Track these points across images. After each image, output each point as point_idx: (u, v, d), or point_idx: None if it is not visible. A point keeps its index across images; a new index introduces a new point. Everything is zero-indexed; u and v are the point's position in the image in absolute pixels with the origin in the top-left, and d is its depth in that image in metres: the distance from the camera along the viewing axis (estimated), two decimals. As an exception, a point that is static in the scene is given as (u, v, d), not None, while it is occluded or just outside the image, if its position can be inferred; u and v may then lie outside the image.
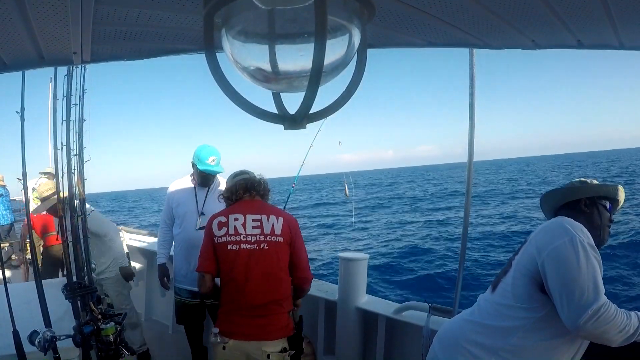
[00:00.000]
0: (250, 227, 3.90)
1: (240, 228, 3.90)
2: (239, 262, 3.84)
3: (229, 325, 3.86)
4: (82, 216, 5.02)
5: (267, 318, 3.86)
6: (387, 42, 2.97)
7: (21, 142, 4.71)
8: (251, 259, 3.83)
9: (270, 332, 3.85)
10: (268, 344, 3.81)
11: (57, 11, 1.95)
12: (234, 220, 3.93)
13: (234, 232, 3.89)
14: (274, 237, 3.89)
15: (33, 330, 3.90)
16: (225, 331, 3.83)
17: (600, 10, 2.24)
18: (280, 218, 4.00)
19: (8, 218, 11.95)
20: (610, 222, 3.02)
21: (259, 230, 3.89)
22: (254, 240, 3.86)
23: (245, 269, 3.83)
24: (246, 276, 3.83)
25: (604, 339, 2.52)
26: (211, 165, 5.34)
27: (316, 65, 0.98)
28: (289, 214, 4.21)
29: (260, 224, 3.92)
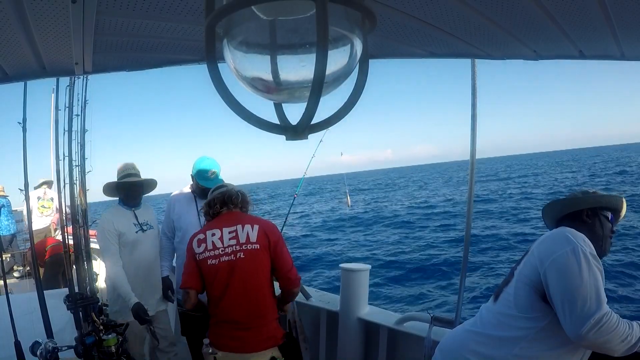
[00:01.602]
0: (227, 240, 3.92)
1: (217, 242, 3.92)
2: (221, 276, 3.86)
3: (217, 338, 3.89)
4: (85, 227, 5.02)
5: (250, 331, 3.85)
6: (389, 52, 2.98)
7: (23, 152, 4.72)
8: (230, 271, 3.84)
9: (255, 344, 3.85)
10: (255, 355, 3.81)
11: (59, 22, 1.96)
12: (212, 235, 3.96)
13: (212, 247, 3.91)
14: (250, 245, 3.88)
15: (35, 341, 3.89)
16: (215, 343, 3.87)
17: (601, 21, 2.24)
18: (256, 225, 3.98)
19: (10, 228, 11.94)
20: (612, 232, 3.02)
21: (235, 241, 3.90)
22: (230, 251, 3.87)
23: (224, 284, 3.85)
24: (231, 290, 3.83)
25: (606, 348, 2.51)
26: (211, 180, 5.30)
27: (318, 75, 0.97)
28: (266, 220, 4.21)
29: (236, 234, 3.93)
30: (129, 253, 5.26)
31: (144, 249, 5.38)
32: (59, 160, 5.01)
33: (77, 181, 5.06)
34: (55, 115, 5.10)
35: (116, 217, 5.32)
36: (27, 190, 5.20)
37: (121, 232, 5.22)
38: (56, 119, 5.06)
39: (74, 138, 5.02)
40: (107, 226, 5.20)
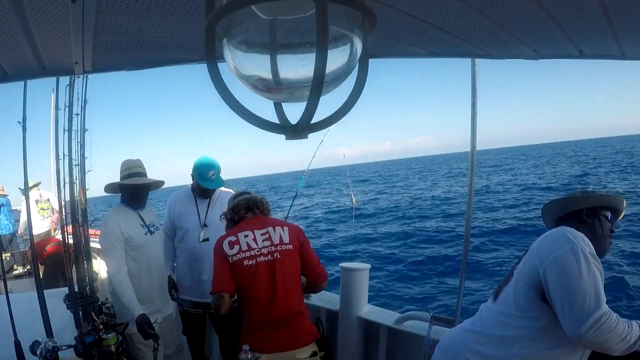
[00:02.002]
0: (260, 241, 3.92)
1: (252, 243, 3.91)
2: (259, 277, 3.85)
3: (258, 341, 3.82)
4: (84, 226, 5.02)
5: (295, 327, 3.88)
6: (389, 51, 2.98)
7: (23, 152, 4.72)
8: (271, 272, 3.85)
9: (300, 339, 3.88)
10: (300, 351, 3.84)
11: (59, 21, 1.96)
12: (244, 237, 3.94)
13: (247, 248, 3.89)
14: (284, 246, 3.92)
15: (35, 341, 3.89)
16: (256, 346, 3.76)
17: (601, 21, 2.24)
18: (286, 227, 4.05)
19: (9, 228, 11.94)
20: (612, 232, 3.02)
21: (269, 242, 3.92)
22: (267, 252, 3.88)
23: (267, 283, 3.84)
24: (269, 291, 3.84)
25: (605, 347, 2.51)
26: (212, 181, 5.29)
27: (317, 75, 0.97)
28: (291, 223, 4.25)
29: (269, 235, 3.95)
30: (138, 257, 4.91)
31: (154, 251, 5.07)
32: (58, 160, 5.02)
33: (77, 180, 5.05)
34: (55, 114, 5.10)
35: (123, 219, 4.89)
36: (27, 189, 5.20)
37: (130, 235, 4.83)
38: (56, 118, 5.06)
39: (74, 137, 5.02)
40: (114, 229, 4.76)
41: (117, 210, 5.03)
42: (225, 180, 5.46)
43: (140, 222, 5.02)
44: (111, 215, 4.94)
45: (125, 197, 5.05)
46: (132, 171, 4.95)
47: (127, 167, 4.97)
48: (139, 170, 4.99)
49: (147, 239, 4.98)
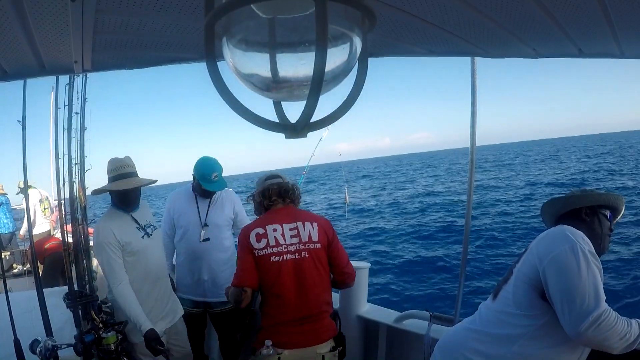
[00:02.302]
0: (288, 237, 3.86)
1: (280, 238, 3.84)
2: (285, 274, 3.81)
3: (281, 336, 3.82)
4: (84, 224, 5.02)
5: (318, 323, 3.89)
6: (389, 50, 2.98)
7: (22, 150, 4.72)
8: (297, 270, 3.82)
9: (322, 335, 3.89)
10: (321, 346, 3.86)
11: (58, 20, 1.96)
12: (273, 231, 3.87)
13: (275, 244, 3.83)
14: (312, 245, 3.86)
15: (34, 339, 3.89)
16: (279, 342, 3.79)
17: (601, 20, 2.24)
18: (315, 223, 3.96)
19: (9, 226, 11.93)
20: (611, 231, 3.02)
21: (297, 239, 3.86)
22: (294, 250, 3.83)
23: (292, 281, 3.81)
24: (294, 289, 3.81)
25: (605, 346, 2.51)
26: (215, 183, 5.24)
27: (317, 73, 0.97)
28: (321, 217, 4.16)
29: (297, 232, 3.89)
30: (136, 263, 4.50)
31: (154, 254, 4.67)
32: (58, 158, 5.01)
33: (77, 179, 5.05)
34: (55, 113, 5.10)
35: (116, 224, 4.45)
36: (27, 188, 5.20)
37: (126, 241, 4.41)
38: (55, 117, 5.06)
39: (74, 136, 5.02)
40: (108, 239, 4.32)
41: (108, 216, 4.60)
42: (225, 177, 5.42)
43: (135, 225, 4.61)
44: (103, 223, 4.49)
45: (116, 201, 4.59)
46: (122, 171, 4.48)
47: (115, 168, 4.49)
48: (128, 170, 4.51)
49: (145, 243, 4.58)
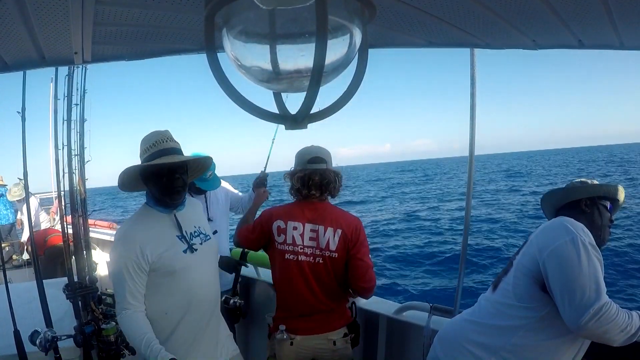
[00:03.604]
0: (307, 239, 3.82)
1: (298, 238, 3.83)
2: (297, 274, 3.83)
3: (294, 324, 3.89)
4: (84, 216, 5.02)
5: (330, 314, 3.90)
6: (388, 42, 2.98)
7: (22, 142, 4.72)
8: (308, 272, 3.82)
9: (334, 323, 3.91)
10: (333, 333, 3.88)
11: (58, 11, 1.96)
12: (293, 229, 3.85)
13: (292, 242, 3.83)
14: (329, 252, 3.80)
15: (34, 330, 3.91)
16: (291, 328, 3.86)
17: (600, 11, 2.24)
18: (339, 230, 3.82)
19: (9, 218, 11.94)
20: (611, 222, 3.02)
21: (315, 243, 3.81)
22: (310, 253, 3.82)
23: (304, 283, 3.83)
24: (306, 288, 3.83)
25: (605, 338, 2.52)
26: (209, 182, 5.20)
27: (317, 65, 0.98)
28: (350, 220, 3.93)
29: (317, 235, 3.82)
30: (174, 287, 3.25)
31: (201, 277, 3.37)
32: (57, 150, 5.01)
33: (76, 170, 5.05)
34: (54, 104, 5.09)
35: (147, 232, 3.23)
36: (27, 179, 5.20)
37: (158, 258, 3.16)
38: (55, 109, 5.05)
39: (73, 127, 5.01)
40: (128, 253, 3.11)
41: (139, 217, 3.38)
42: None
43: (176, 232, 3.33)
44: (128, 229, 3.35)
45: (153, 191, 3.31)
46: (162, 146, 3.21)
47: (152, 143, 3.22)
48: (171, 145, 3.25)
49: (188, 260, 3.28)
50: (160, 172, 3.19)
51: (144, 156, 3.23)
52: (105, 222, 11.29)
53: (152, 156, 3.17)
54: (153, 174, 3.22)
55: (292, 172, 3.95)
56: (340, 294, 3.98)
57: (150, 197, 3.38)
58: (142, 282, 3.16)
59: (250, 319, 5.96)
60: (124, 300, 3.11)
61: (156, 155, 3.16)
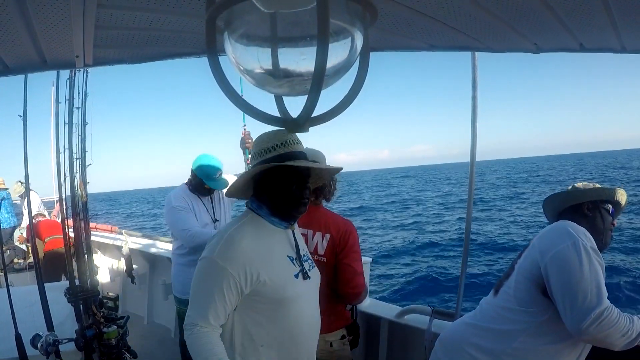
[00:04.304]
0: None
1: None
2: None
3: None
4: (85, 219, 5.02)
5: (325, 316, 3.85)
6: (390, 45, 2.98)
7: (23, 145, 4.73)
8: None
9: (331, 325, 3.84)
10: (330, 334, 3.85)
11: (60, 15, 1.96)
12: None
13: None
14: (317, 256, 3.76)
15: (35, 334, 3.91)
16: None
17: (602, 14, 2.24)
18: (328, 235, 3.80)
19: (10, 221, 11.93)
20: (613, 225, 3.02)
21: None
22: None
23: None
24: None
25: (607, 343, 2.52)
26: (218, 181, 5.20)
27: (318, 68, 0.98)
28: (340, 225, 3.84)
29: (306, 239, 3.72)
30: (280, 317, 2.67)
31: (308, 310, 2.84)
32: (59, 153, 5.01)
33: (78, 174, 5.04)
34: (56, 108, 5.09)
35: (256, 246, 2.62)
36: (28, 182, 5.20)
37: (268, 279, 2.57)
38: (56, 112, 5.05)
39: (75, 131, 5.02)
40: (229, 266, 2.52)
41: (248, 226, 2.72)
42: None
43: (288, 252, 2.79)
44: (236, 235, 2.65)
45: (274, 199, 2.71)
46: (291, 148, 2.65)
47: (282, 142, 2.64)
48: (299, 148, 2.71)
49: (299, 288, 2.73)
50: (290, 178, 2.66)
51: (265, 156, 2.65)
52: (106, 225, 11.30)
53: (281, 157, 2.61)
54: (281, 178, 2.65)
55: None
56: (335, 297, 3.93)
57: (266, 206, 2.74)
58: (233, 303, 2.57)
59: None
60: (203, 317, 2.52)
61: (286, 158, 2.61)
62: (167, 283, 6.91)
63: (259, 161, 2.66)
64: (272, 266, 2.63)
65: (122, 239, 8.61)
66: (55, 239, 8.88)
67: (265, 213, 2.74)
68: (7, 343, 4.11)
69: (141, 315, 8.19)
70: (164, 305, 7.76)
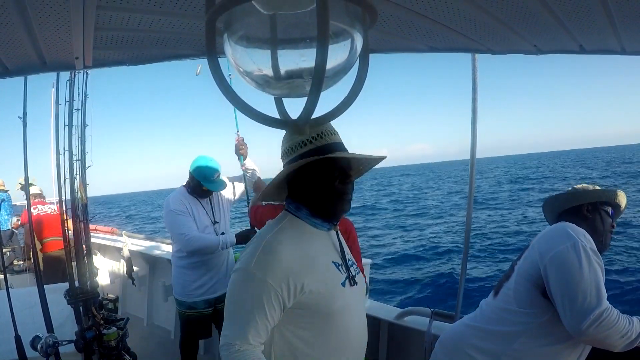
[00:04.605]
0: None
1: None
2: None
3: None
4: (85, 221, 5.02)
5: None
6: (390, 47, 2.98)
7: (23, 147, 4.72)
8: None
9: None
10: None
11: (59, 16, 1.96)
12: None
13: None
14: None
15: (35, 336, 3.91)
16: None
17: (602, 16, 2.24)
18: None
19: (10, 223, 11.93)
20: (613, 227, 3.03)
21: None
22: None
23: None
24: None
25: (606, 344, 2.52)
26: (216, 183, 5.22)
27: (318, 70, 0.98)
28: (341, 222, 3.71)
29: None
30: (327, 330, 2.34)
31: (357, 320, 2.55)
32: (59, 155, 5.01)
33: (78, 175, 5.04)
34: (56, 109, 5.10)
35: (299, 253, 2.28)
36: (27, 184, 5.20)
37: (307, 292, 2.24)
38: (56, 114, 5.06)
39: (74, 132, 5.02)
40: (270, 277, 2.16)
41: (287, 230, 2.37)
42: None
43: (333, 257, 2.46)
44: (275, 241, 2.28)
45: (315, 198, 2.39)
46: (330, 140, 2.36)
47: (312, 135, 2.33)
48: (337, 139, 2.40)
49: (347, 297, 2.40)
50: (331, 172, 2.33)
51: (300, 150, 2.35)
52: (106, 227, 11.29)
53: (319, 151, 2.30)
54: (321, 174, 2.33)
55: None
56: None
57: (300, 206, 2.42)
58: (275, 319, 2.23)
59: None
60: (241, 337, 2.15)
61: (325, 150, 2.31)
62: (167, 285, 6.92)
63: (294, 157, 2.36)
64: (318, 274, 2.29)
65: (122, 241, 8.62)
66: (54, 242, 8.88)
67: (305, 214, 2.41)
68: (7, 345, 4.11)
69: (141, 317, 8.19)
70: (164, 307, 7.77)
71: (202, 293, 5.33)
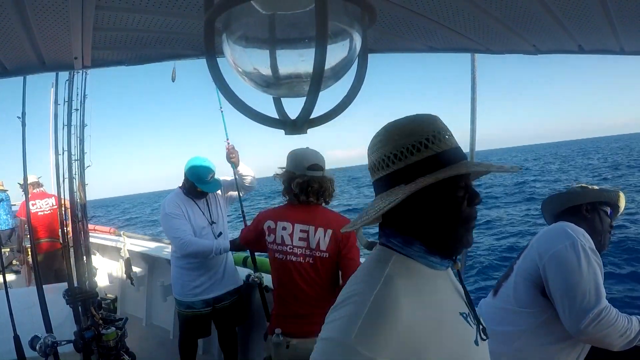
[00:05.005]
0: (297, 239, 3.83)
1: (287, 238, 3.84)
2: (286, 275, 3.84)
3: (289, 327, 3.86)
4: (84, 221, 5.02)
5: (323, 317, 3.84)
6: (388, 47, 2.98)
7: (22, 147, 4.72)
8: (297, 273, 3.81)
9: None
10: None
11: (58, 16, 1.96)
12: (282, 229, 3.87)
13: (281, 242, 3.85)
14: (319, 253, 3.79)
15: (34, 336, 3.91)
16: (287, 332, 3.83)
17: (601, 16, 2.24)
18: (329, 230, 3.80)
19: (9, 223, 11.91)
20: (611, 227, 3.03)
21: (305, 243, 3.81)
22: (299, 253, 3.81)
23: (292, 283, 3.82)
24: (295, 289, 3.82)
25: (605, 343, 2.52)
26: (211, 184, 5.23)
27: (317, 70, 0.97)
28: (342, 221, 3.89)
29: (307, 236, 3.82)
30: None
31: None
32: (58, 155, 5.01)
33: (77, 176, 5.04)
34: (55, 109, 5.09)
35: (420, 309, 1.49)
36: (27, 184, 5.20)
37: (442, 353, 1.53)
38: (55, 114, 5.05)
39: (73, 132, 5.01)
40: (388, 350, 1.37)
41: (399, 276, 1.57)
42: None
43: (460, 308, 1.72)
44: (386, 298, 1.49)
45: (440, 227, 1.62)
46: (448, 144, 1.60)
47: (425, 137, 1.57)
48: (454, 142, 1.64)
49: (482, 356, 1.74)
50: (456, 192, 1.61)
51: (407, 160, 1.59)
52: (105, 227, 11.28)
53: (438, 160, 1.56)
54: (446, 195, 1.60)
55: (290, 176, 3.92)
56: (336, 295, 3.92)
57: (411, 240, 1.66)
58: None
59: (252, 321, 5.97)
60: None
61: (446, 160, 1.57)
62: (166, 285, 6.91)
63: (401, 167, 1.60)
64: (446, 338, 1.54)
65: (120, 241, 8.61)
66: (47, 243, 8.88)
67: (418, 252, 1.65)
68: (6, 345, 4.10)
69: (140, 317, 8.18)
70: (163, 307, 7.76)
71: (200, 293, 5.32)
